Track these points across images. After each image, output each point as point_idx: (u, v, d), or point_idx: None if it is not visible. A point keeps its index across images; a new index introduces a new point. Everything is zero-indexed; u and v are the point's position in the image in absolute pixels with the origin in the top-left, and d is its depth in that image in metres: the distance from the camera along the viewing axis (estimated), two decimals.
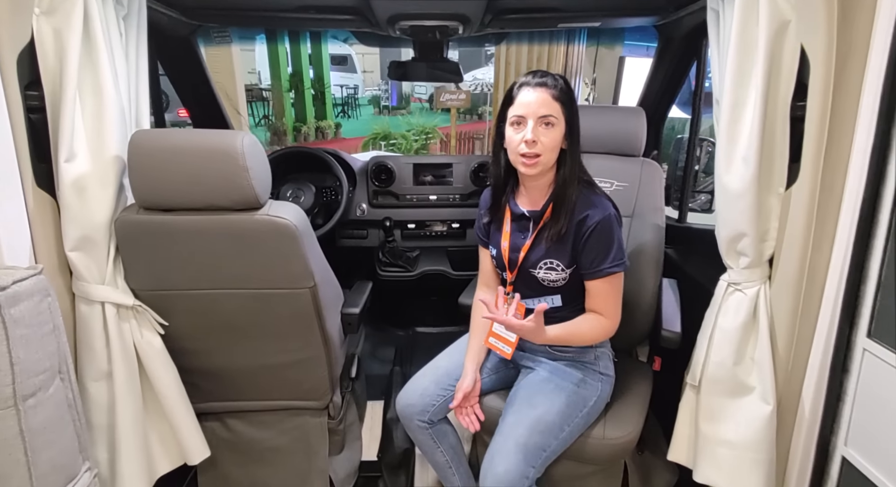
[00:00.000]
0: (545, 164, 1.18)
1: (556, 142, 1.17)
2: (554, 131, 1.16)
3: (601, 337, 1.27)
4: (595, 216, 1.19)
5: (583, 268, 1.23)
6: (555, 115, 1.16)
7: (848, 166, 1.01)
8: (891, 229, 0.96)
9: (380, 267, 2.18)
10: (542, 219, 1.25)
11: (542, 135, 1.15)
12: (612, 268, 1.20)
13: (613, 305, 1.24)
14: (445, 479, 1.43)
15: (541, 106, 1.15)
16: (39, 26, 1.04)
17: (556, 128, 1.16)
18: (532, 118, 1.15)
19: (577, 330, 1.24)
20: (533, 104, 1.15)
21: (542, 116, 1.15)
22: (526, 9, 1.59)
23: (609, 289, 1.23)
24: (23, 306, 0.91)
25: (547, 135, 1.16)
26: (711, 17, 1.20)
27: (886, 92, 0.92)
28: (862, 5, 0.94)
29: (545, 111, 1.15)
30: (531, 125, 1.15)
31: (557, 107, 1.16)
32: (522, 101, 1.16)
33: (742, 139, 1.10)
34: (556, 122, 1.16)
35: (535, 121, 1.15)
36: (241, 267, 1.19)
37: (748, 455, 1.17)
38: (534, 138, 1.14)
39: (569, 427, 1.21)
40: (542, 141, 1.15)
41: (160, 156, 1.09)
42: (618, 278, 1.23)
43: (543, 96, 1.15)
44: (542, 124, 1.15)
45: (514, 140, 1.18)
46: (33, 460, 0.93)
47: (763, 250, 1.17)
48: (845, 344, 1.06)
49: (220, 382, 1.40)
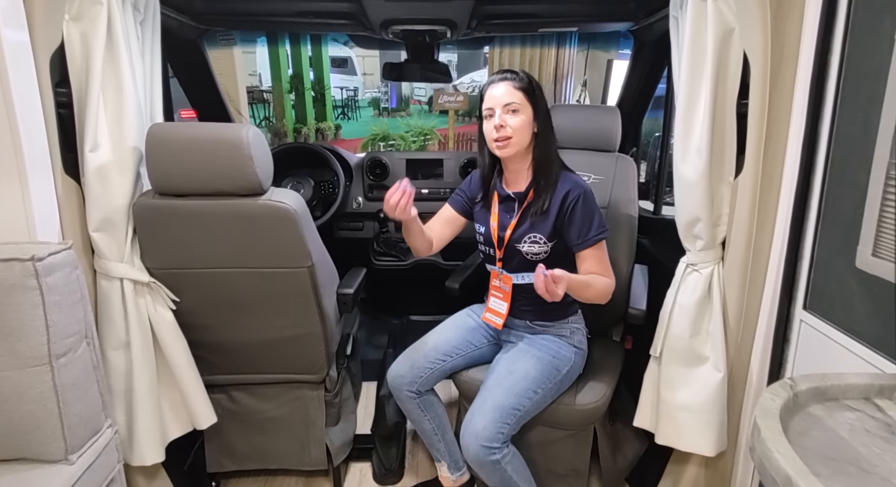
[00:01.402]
0: (517, 145, 1.33)
1: (524, 124, 1.32)
2: (519, 116, 1.32)
3: (609, 292, 1.34)
4: (576, 191, 1.34)
5: (571, 241, 1.35)
6: (518, 102, 1.32)
7: (784, 157, 1.14)
8: (820, 213, 1.09)
9: (374, 257, 2.30)
10: (527, 199, 1.39)
11: (508, 120, 1.31)
12: (598, 236, 1.33)
13: (607, 267, 1.37)
14: (432, 445, 1.56)
15: (504, 96, 1.32)
16: (69, 31, 1.18)
17: (521, 114, 1.32)
18: (498, 107, 1.32)
19: (595, 281, 1.31)
20: (497, 96, 1.32)
21: (507, 104, 1.31)
22: (508, 14, 1.72)
23: (601, 255, 1.35)
24: (56, 275, 1.04)
25: (513, 119, 1.32)
26: (672, 23, 1.33)
27: (813, 92, 1.06)
28: (791, 17, 1.07)
29: (508, 99, 1.31)
30: (498, 113, 1.32)
31: (520, 95, 1.32)
32: (490, 95, 1.34)
33: (695, 133, 1.23)
34: (519, 109, 1.32)
35: (501, 109, 1.32)
36: (246, 248, 1.32)
37: (702, 417, 1.30)
38: (500, 123, 1.31)
39: (542, 391, 1.34)
40: (510, 124, 1.31)
41: (174, 147, 1.22)
42: (604, 245, 1.36)
43: (507, 88, 1.32)
44: (508, 111, 1.32)
45: (487, 129, 1.35)
46: (64, 411, 1.06)
47: (716, 234, 1.30)
48: (785, 316, 1.19)
49: (226, 356, 1.52)
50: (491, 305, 1.50)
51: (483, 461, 1.28)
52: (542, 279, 1.15)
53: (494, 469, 1.29)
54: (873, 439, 0.54)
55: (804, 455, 0.46)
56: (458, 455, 1.58)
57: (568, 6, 1.71)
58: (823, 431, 0.55)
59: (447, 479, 1.59)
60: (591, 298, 1.33)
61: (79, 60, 1.20)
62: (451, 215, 1.54)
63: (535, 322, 1.47)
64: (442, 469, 1.59)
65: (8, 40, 1.04)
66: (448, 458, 1.57)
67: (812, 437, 0.54)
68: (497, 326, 1.48)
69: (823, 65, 1.03)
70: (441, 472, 1.60)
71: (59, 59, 1.18)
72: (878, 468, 0.50)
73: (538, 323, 1.47)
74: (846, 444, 0.53)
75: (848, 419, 0.58)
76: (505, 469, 1.30)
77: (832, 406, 0.60)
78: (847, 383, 0.62)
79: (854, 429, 0.56)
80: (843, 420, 0.57)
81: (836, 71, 1.02)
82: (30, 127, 1.11)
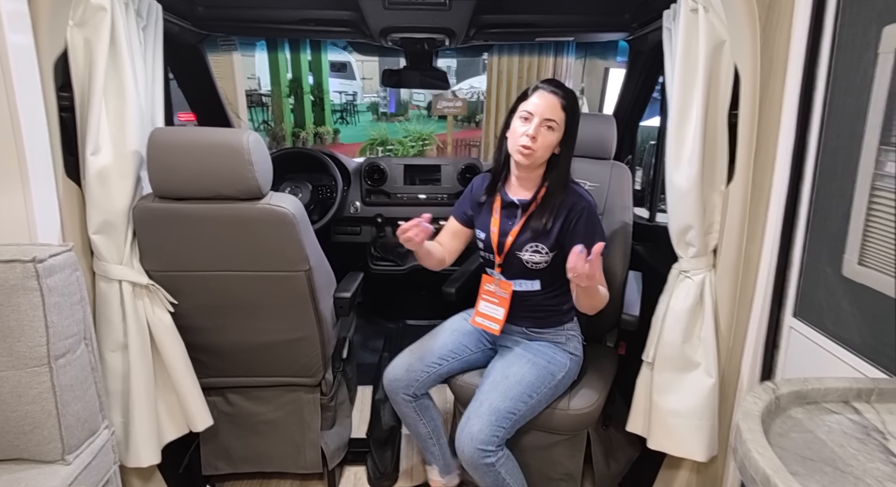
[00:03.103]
0: (536, 159, 1.34)
1: (552, 144, 1.33)
2: (552, 134, 1.32)
3: (605, 302, 1.36)
4: (580, 204, 1.36)
5: None
6: (557, 121, 1.31)
7: (774, 167, 1.16)
8: (809, 222, 1.11)
9: (372, 262, 2.32)
10: (530, 209, 1.40)
11: (541, 135, 1.31)
12: None
13: (603, 279, 1.36)
14: (426, 449, 1.58)
15: (548, 109, 1.30)
16: (72, 36, 1.20)
17: (555, 133, 1.32)
18: (538, 117, 1.30)
19: (603, 289, 1.35)
20: (542, 105, 1.31)
21: (547, 118, 1.30)
22: (506, 24, 1.75)
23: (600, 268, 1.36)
24: (57, 277, 1.05)
25: (545, 136, 1.31)
26: (666, 34, 1.36)
27: (802, 104, 1.08)
28: (780, 30, 1.10)
29: (550, 114, 1.31)
30: (535, 123, 1.30)
31: (562, 115, 1.32)
32: (535, 101, 1.32)
33: (688, 142, 1.26)
34: (556, 128, 1.32)
35: (540, 120, 1.30)
36: (244, 251, 1.34)
37: (694, 423, 1.32)
38: (535, 134, 1.30)
39: (537, 395, 1.36)
40: (540, 139, 1.31)
41: (176, 151, 1.23)
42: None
43: (553, 101, 1.31)
44: (545, 125, 1.31)
45: (517, 131, 1.33)
46: (62, 412, 1.07)
47: (708, 241, 1.32)
48: (775, 322, 1.21)
49: (223, 358, 1.53)
50: (483, 310, 1.50)
51: (478, 463, 1.29)
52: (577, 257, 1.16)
53: (489, 472, 1.31)
54: (849, 440, 0.55)
55: (783, 455, 0.48)
56: (451, 459, 1.59)
57: (564, 17, 1.74)
58: (802, 433, 0.57)
59: (437, 482, 1.60)
60: (595, 306, 1.34)
61: (82, 65, 1.22)
62: (457, 228, 1.56)
63: (532, 329, 1.48)
64: (433, 473, 1.60)
65: (13, 45, 1.06)
66: (441, 461, 1.59)
67: (791, 439, 0.56)
68: (494, 332, 1.48)
69: (811, 77, 1.06)
70: (431, 475, 1.61)
71: (63, 63, 1.19)
72: (853, 467, 0.52)
73: (534, 330, 1.48)
74: (823, 445, 0.54)
75: (826, 421, 0.59)
76: (499, 472, 1.31)
77: (812, 409, 0.62)
78: (827, 387, 0.64)
79: (832, 431, 0.58)
80: (822, 423, 0.59)
81: (823, 83, 1.05)
82: (32, 130, 1.13)
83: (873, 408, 0.63)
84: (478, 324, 1.50)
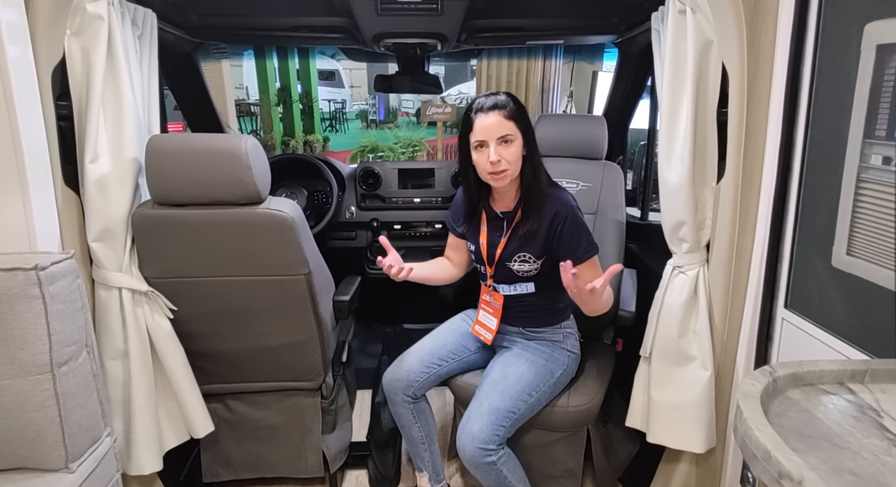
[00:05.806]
0: (512, 175, 1.33)
1: (517, 154, 1.32)
2: (513, 146, 1.30)
3: (610, 302, 1.37)
4: (563, 211, 1.34)
5: (562, 259, 1.38)
6: (510, 133, 1.29)
7: (763, 163, 1.19)
8: (798, 215, 1.14)
9: (368, 266, 2.33)
10: (515, 219, 1.40)
11: (503, 153, 1.28)
12: (587, 253, 1.34)
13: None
14: (416, 454, 1.58)
15: (497, 128, 1.28)
16: (70, 45, 1.20)
17: (514, 143, 1.30)
18: (491, 140, 1.28)
19: (607, 294, 1.35)
20: (490, 128, 1.28)
21: (500, 137, 1.28)
22: (497, 28, 1.78)
23: (595, 271, 1.37)
24: (58, 284, 1.05)
25: (507, 151, 1.29)
26: (654, 36, 1.39)
27: (788, 101, 1.11)
28: (766, 30, 1.13)
29: (502, 132, 1.28)
30: (493, 147, 1.28)
31: (511, 125, 1.29)
32: (480, 127, 1.29)
33: (678, 140, 1.29)
34: (512, 139, 1.29)
35: (495, 142, 1.28)
36: (244, 256, 1.34)
37: (691, 415, 1.34)
38: (497, 158, 1.28)
39: (536, 394, 1.37)
40: (504, 156, 1.28)
41: (174, 157, 1.24)
42: (596, 261, 1.38)
43: (497, 119, 1.28)
44: (501, 143, 1.29)
45: (480, 162, 1.31)
46: (65, 420, 1.07)
47: (700, 237, 1.35)
48: (768, 315, 1.24)
49: (223, 364, 1.54)
50: (480, 319, 1.54)
51: (479, 462, 1.30)
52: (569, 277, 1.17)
53: (490, 471, 1.32)
54: (845, 418, 0.58)
55: (782, 433, 0.50)
56: (441, 467, 1.60)
57: (554, 20, 1.77)
58: (800, 412, 0.59)
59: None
60: (597, 309, 1.33)
61: (79, 74, 1.22)
62: (456, 241, 1.59)
63: (529, 328, 1.50)
64: (423, 480, 1.61)
65: (11, 56, 1.07)
66: (430, 469, 1.59)
67: (789, 418, 0.58)
68: (486, 341, 1.50)
69: (796, 75, 1.09)
70: (421, 483, 1.61)
71: (61, 72, 1.20)
72: (850, 443, 0.54)
73: (531, 330, 1.50)
74: (821, 423, 0.57)
75: (823, 401, 0.62)
76: (501, 471, 1.33)
77: (808, 390, 0.64)
78: (822, 369, 0.66)
79: (828, 410, 0.60)
80: (819, 403, 0.61)
81: (808, 81, 1.08)
82: (31, 139, 1.13)
83: (867, 388, 0.65)
84: (476, 333, 1.54)
